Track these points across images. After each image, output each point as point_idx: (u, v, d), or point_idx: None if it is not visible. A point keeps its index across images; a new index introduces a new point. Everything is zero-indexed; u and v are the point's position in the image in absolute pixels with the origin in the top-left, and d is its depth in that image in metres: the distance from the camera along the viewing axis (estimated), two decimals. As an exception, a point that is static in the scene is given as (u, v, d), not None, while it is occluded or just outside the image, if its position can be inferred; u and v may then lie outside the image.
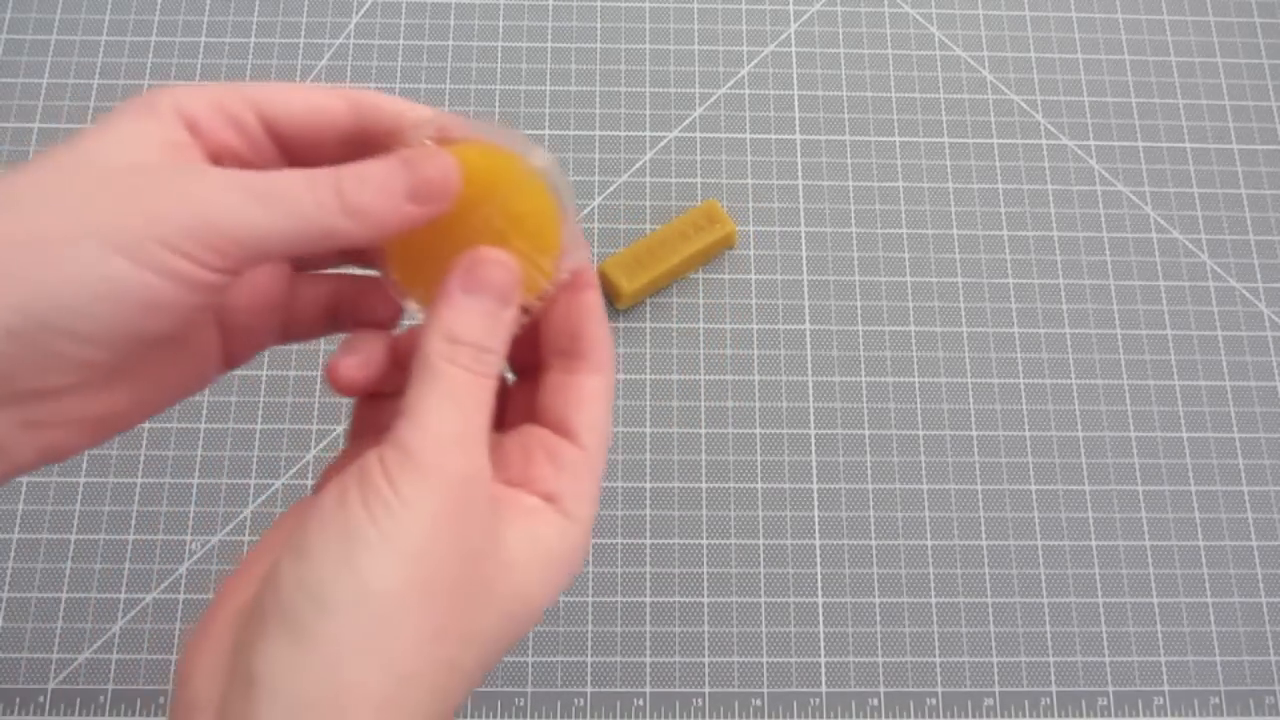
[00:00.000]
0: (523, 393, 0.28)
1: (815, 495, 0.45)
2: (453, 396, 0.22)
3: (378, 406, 0.27)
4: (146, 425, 0.45)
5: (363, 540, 0.20)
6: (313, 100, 0.25)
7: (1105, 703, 0.42)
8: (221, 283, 0.21)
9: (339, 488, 0.21)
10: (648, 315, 0.47)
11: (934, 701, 0.42)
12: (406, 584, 0.20)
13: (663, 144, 0.50)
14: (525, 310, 0.25)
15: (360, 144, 0.25)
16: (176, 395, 0.26)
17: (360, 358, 0.25)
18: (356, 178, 0.22)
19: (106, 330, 0.21)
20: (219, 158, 0.24)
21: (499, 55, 0.52)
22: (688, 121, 0.51)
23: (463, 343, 0.23)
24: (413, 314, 0.26)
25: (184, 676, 0.21)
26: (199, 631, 0.22)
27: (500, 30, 0.52)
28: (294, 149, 0.25)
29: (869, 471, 0.45)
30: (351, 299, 0.28)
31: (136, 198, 0.21)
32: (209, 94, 0.24)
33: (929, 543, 0.44)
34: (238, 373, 0.46)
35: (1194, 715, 0.42)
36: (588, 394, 0.25)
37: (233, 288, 0.24)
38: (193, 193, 0.21)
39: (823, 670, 0.42)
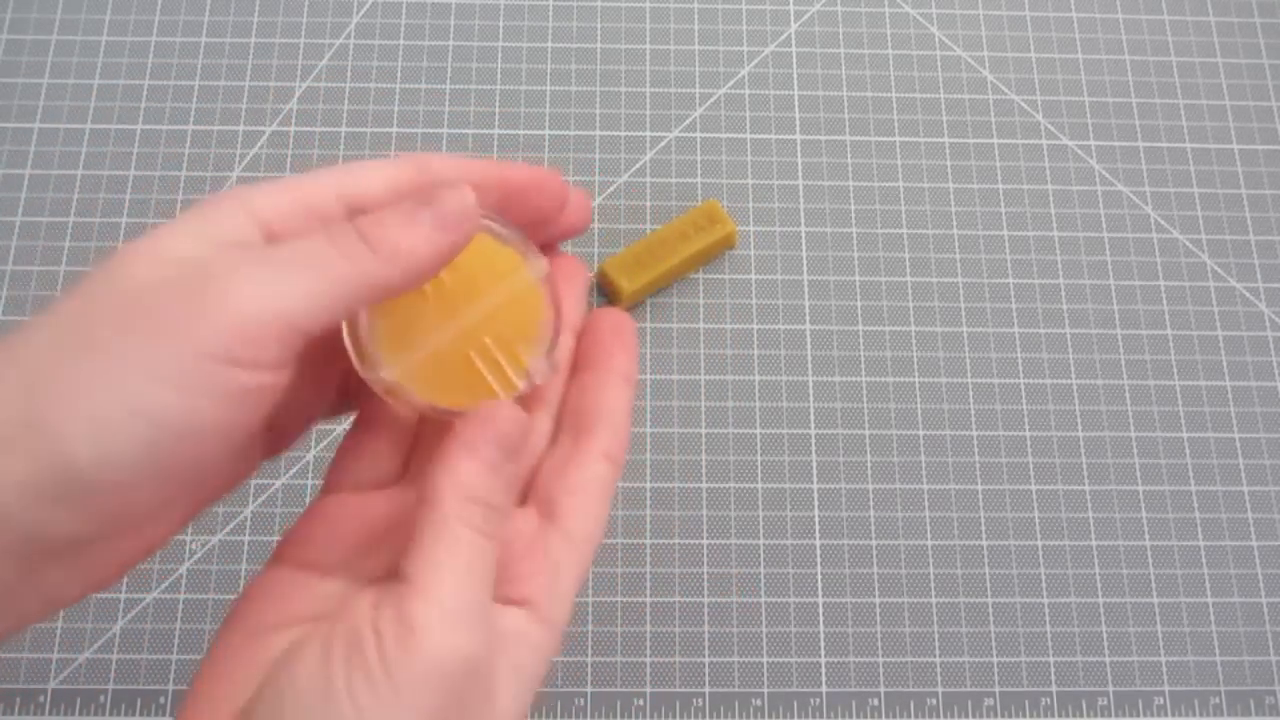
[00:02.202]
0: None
1: (815, 495, 0.45)
2: (469, 564, 0.20)
3: (361, 452, 0.25)
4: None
5: None
6: (392, 180, 0.23)
7: (1105, 703, 0.42)
8: (272, 383, 0.20)
9: (323, 644, 0.19)
10: (648, 315, 0.47)
11: (934, 701, 0.42)
12: None
13: (663, 144, 0.50)
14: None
15: None
16: (211, 503, 0.23)
17: None
18: (374, 221, 0.21)
19: (150, 475, 0.19)
20: None
21: (499, 55, 0.52)
22: (688, 121, 0.51)
23: (479, 502, 0.21)
24: (371, 376, 0.24)
25: None
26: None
27: (500, 30, 0.52)
28: None
29: (869, 471, 0.45)
30: None
31: (165, 317, 0.19)
32: (294, 194, 0.22)
33: (929, 543, 0.44)
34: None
35: (1194, 715, 0.42)
36: (589, 479, 0.24)
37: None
38: (218, 292, 0.19)
39: (823, 670, 0.42)
